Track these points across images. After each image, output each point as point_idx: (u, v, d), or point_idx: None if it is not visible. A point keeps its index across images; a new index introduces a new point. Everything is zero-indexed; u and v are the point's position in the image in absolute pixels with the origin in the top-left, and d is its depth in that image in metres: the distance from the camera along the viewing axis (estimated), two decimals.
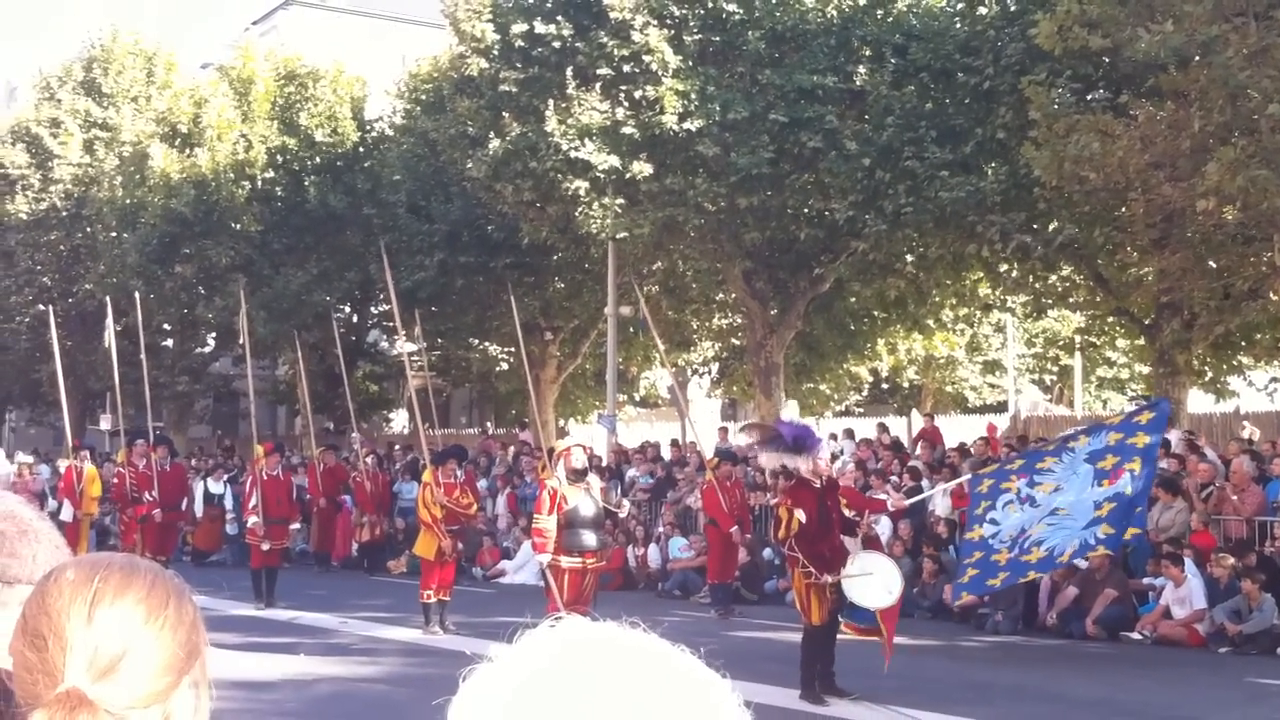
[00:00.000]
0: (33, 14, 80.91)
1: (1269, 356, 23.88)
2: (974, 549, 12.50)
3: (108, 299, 25.81)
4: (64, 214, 36.57)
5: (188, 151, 32.59)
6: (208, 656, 1.49)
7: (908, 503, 15.09)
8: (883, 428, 25.07)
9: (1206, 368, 23.75)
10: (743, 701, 1.20)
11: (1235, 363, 24.33)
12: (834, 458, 16.33)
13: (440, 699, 1.23)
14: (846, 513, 11.63)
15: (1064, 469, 12.29)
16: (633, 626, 1.21)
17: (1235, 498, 16.13)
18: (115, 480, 21.36)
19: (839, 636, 11.63)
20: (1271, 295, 20.53)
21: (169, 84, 36.39)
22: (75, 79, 37.57)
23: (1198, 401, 25.42)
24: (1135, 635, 15.11)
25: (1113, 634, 15.21)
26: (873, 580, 11.11)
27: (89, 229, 35.94)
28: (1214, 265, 20.35)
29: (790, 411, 21.58)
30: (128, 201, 32.88)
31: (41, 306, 29.61)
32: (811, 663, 11.37)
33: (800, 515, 11.11)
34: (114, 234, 33.75)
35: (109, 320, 24.23)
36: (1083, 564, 14.93)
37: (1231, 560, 14.93)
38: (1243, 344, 23.26)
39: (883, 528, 17.00)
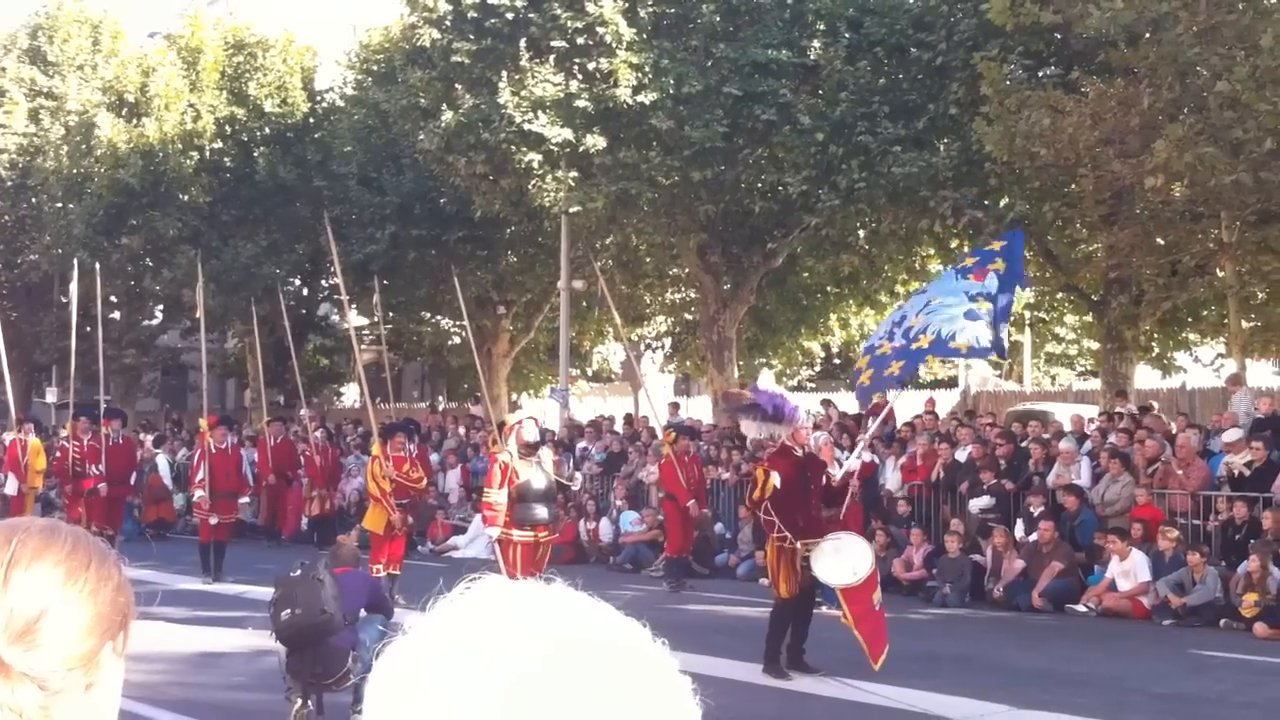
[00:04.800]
0: None
1: (1215, 333, 24.18)
2: (862, 357, 12.14)
3: (75, 261, 25.36)
4: (8, 184, 35.94)
5: (135, 121, 32.14)
6: (133, 625, 1.44)
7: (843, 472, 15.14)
8: (828, 403, 25.05)
9: (1154, 343, 24.04)
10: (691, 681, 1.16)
11: (1182, 339, 24.64)
12: (816, 427, 16.24)
13: None
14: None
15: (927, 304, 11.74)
16: (574, 587, 1.15)
17: (1180, 472, 16.32)
18: (58, 454, 21.13)
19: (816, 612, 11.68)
20: (1218, 272, 20.78)
21: (115, 52, 35.78)
22: (20, 47, 36.83)
23: (1145, 377, 25.69)
24: (1081, 608, 15.29)
25: (1059, 606, 15.38)
26: (841, 560, 11.09)
27: (34, 199, 35.39)
28: (1162, 242, 20.55)
29: (766, 380, 21.54)
30: (74, 172, 32.41)
31: None
32: (778, 637, 11.31)
33: (775, 479, 11.10)
34: (60, 205, 33.25)
35: (73, 285, 23.82)
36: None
37: (1175, 533, 15.13)
38: (1189, 320, 23.55)
39: None
